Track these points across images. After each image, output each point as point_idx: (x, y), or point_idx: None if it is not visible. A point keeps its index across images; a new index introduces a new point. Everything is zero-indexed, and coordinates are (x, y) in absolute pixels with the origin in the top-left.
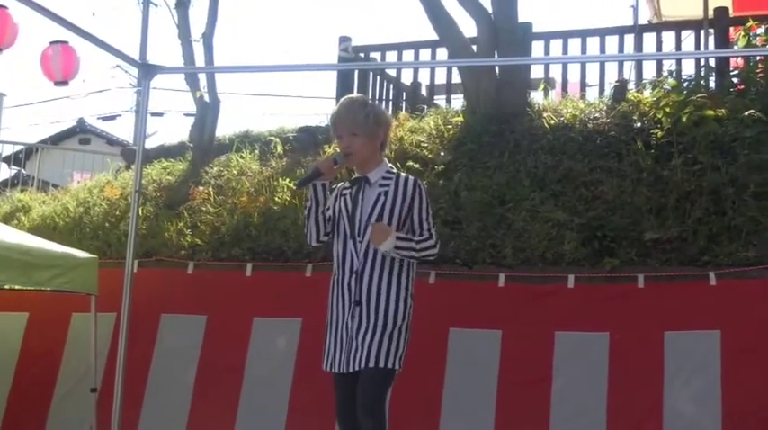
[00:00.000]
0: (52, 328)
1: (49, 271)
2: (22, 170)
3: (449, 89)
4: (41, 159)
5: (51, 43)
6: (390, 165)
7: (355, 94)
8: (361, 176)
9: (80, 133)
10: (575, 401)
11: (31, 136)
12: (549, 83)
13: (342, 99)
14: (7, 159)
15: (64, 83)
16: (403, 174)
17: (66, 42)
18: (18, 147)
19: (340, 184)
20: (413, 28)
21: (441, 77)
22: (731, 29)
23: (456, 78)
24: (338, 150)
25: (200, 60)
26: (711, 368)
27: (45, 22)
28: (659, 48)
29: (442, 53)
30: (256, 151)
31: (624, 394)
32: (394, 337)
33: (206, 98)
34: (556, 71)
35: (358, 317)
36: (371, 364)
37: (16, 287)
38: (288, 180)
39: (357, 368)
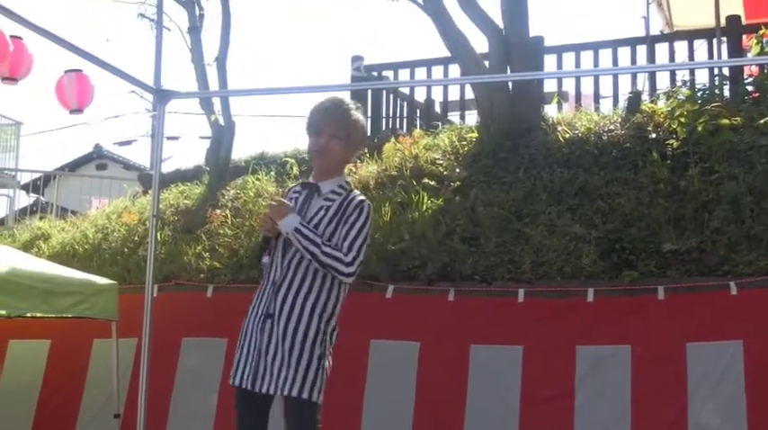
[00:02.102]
0: (74, 355)
1: (70, 298)
2: (41, 197)
3: (462, 105)
4: (59, 186)
5: (66, 72)
6: (348, 180)
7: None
8: (313, 183)
9: (97, 159)
10: (598, 416)
11: (48, 163)
12: (562, 96)
13: (330, 97)
14: (26, 187)
15: (79, 110)
16: (354, 194)
17: (80, 71)
18: (36, 175)
19: (293, 185)
20: (424, 45)
21: (454, 94)
22: (744, 36)
23: (469, 94)
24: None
25: (213, 84)
26: (735, 379)
27: (60, 51)
28: (672, 58)
29: (455, 70)
30: (272, 173)
31: (647, 407)
32: (312, 367)
33: (221, 121)
34: (569, 84)
35: (268, 331)
36: (295, 393)
37: (38, 315)
38: None
39: (270, 391)
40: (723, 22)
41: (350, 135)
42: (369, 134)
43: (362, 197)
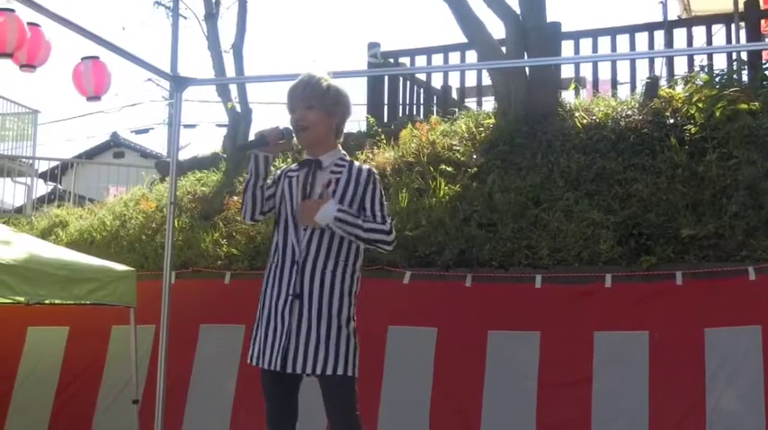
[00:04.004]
0: (93, 341)
1: (89, 284)
2: (59, 185)
3: (479, 91)
4: (77, 174)
5: (83, 59)
6: (344, 152)
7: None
8: (312, 159)
9: (114, 147)
10: (616, 401)
11: (66, 151)
12: (579, 82)
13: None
14: (43, 175)
15: (96, 98)
16: (357, 163)
17: (97, 57)
18: (54, 163)
19: (285, 167)
20: (441, 31)
21: (471, 80)
22: (762, 21)
23: (486, 80)
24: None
25: (230, 71)
26: (753, 364)
27: (77, 39)
28: (690, 43)
29: (472, 56)
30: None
31: (666, 393)
32: (343, 342)
33: (238, 108)
34: (586, 70)
35: (297, 312)
36: (340, 371)
37: (56, 301)
38: None
39: (308, 371)
40: (741, 6)
41: (323, 102)
42: (386, 119)
43: (365, 165)
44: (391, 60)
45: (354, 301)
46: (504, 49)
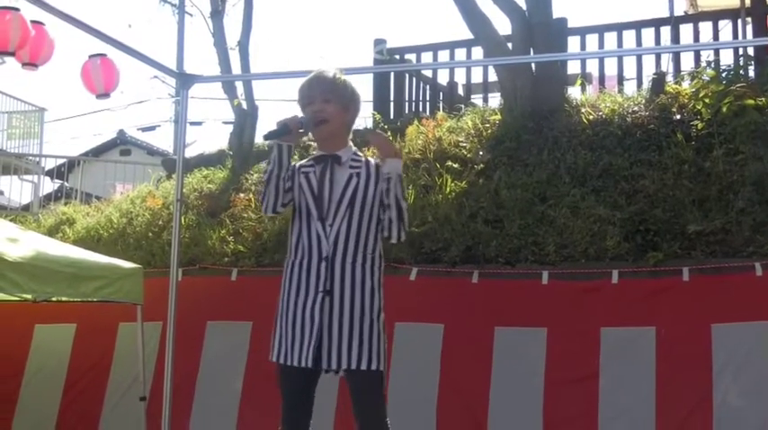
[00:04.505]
0: (100, 339)
1: (96, 282)
2: (65, 183)
3: (485, 88)
4: (83, 172)
5: (90, 56)
6: (356, 148)
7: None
8: (328, 154)
9: (121, 145)
10: (623, 397)
11: (72, 149)
12: (586, 78)
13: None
14: (50, 173)
15: (106, 95)
16: (371, 159)
17: (104, 55)
18: (60, 161)
19: (298, 163)
20: (447, 28)
21: (477, 76)
22: None
23: (492, 77)
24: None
25: (236, 68)
26: (760, 359)
27: (82, 37)
28: (696, 38)
29: (478, 52)
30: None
31: (672, 389)
32: (375, 336)
33: (244, 105)
34: (592, 66)
35: (329, 308)
36: (374, 366)
37: (63, 299)
38: None
39: (343, 366)
40: (748, 2)
41: (341, 96)
42: (392, 115)
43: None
44: (397, 57)
45: (382, 292)
46: (510, 45)
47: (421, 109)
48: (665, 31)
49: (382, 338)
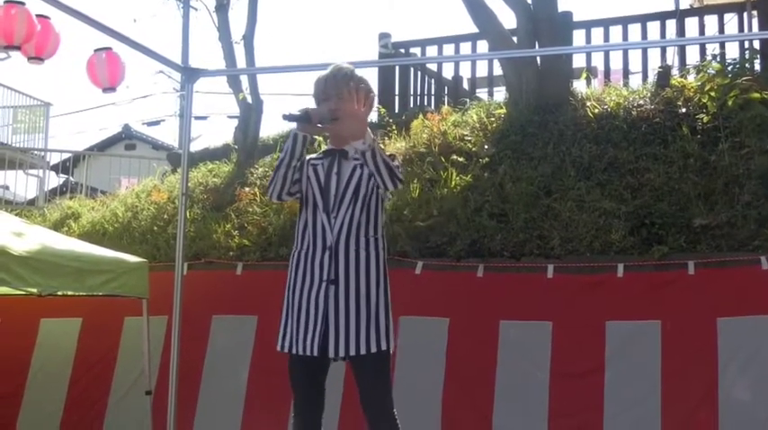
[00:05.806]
0: (105, 333)
1: (101, 276)
2: (70, 178)
3: (490, 81)
4: (89, 166)
5: (96, 51)
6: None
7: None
8: (337, 149)
9: (126, 139)
10: (628, 391)
11: (77, 143)
12: (591, 71)
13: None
14: (55, 167)
15: (112, 89)
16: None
17: (110, 49)
18: (65, 155)
19: (309, 156)
20: (452, 21)
21: (482, 70)
22: None
23: (497, 70)
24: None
25: (241, 62)
26: (766, 353)
27: (87, 31)
28: (702, 32)
29: (483, 45)
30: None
31: (678, 383)
32: (381, 317)
33: (249, 100)
34: (598, 59)
35: (334, 297)
36: (384, 347)
37: (69, 293)
38: None
39: (351, 353)
40: None
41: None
42: (397, 109)
43: None
44: (402, 50)
45: (387, 275)
46: (515, 38)
47: (426, 103)
48: (671, 25)
49: (389, 318)
